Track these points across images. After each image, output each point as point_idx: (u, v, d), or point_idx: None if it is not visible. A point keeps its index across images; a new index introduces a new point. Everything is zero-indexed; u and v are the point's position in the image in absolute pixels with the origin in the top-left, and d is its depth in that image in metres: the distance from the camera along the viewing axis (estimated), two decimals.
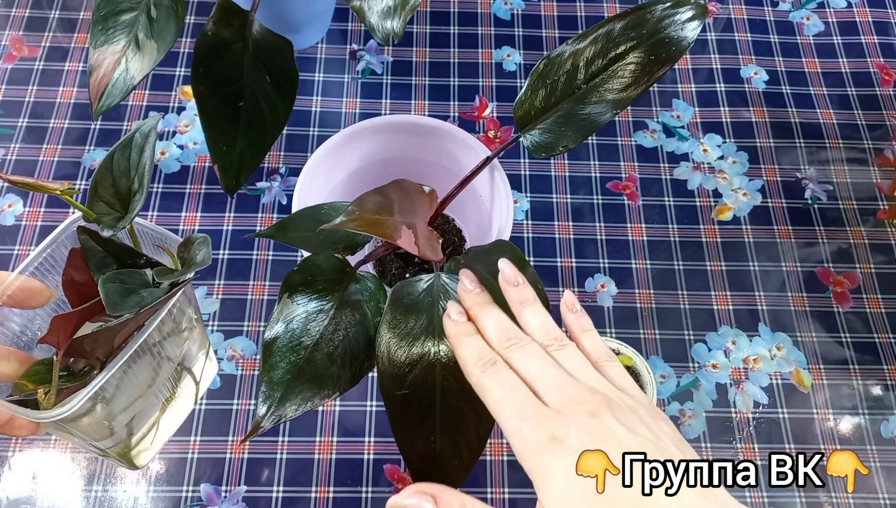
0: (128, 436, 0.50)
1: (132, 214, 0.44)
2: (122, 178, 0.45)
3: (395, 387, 0.45)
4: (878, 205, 0.81)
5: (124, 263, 0.45)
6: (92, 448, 0.49)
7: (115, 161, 0.45)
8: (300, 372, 0.46)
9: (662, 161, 0.83)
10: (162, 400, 0.52)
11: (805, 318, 0.75)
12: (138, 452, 0.51)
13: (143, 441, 0.52)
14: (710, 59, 0.90)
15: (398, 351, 0.46)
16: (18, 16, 0.90)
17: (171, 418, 0.54)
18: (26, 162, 0.80)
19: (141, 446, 0.52)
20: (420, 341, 0.47)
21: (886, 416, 0.70)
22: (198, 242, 0.44)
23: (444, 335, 0.46)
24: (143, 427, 0.51)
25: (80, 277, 0.44)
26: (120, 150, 0.45)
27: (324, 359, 0.47)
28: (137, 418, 0.50)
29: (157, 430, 0.53)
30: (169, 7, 0.60)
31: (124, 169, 0.45)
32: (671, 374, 0.71)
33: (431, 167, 0.68)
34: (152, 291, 0.42)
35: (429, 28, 0.91)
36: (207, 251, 0.44)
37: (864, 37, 0.93)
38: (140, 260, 0.45)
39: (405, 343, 0.46)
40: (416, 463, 0.45)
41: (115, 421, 0.48)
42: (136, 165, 0.45)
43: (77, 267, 0.44)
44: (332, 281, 0.49)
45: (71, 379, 0.45)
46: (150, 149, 0.45)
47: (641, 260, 0.77)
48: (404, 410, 0.45)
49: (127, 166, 0.45)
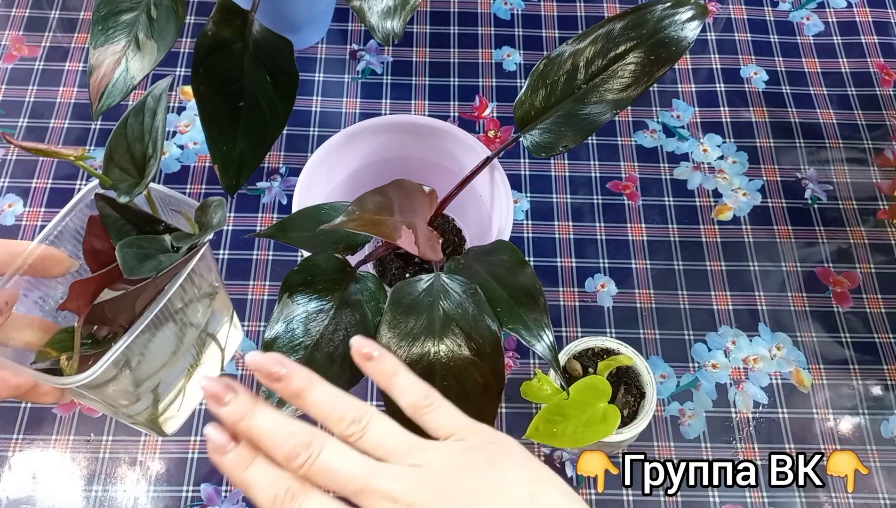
0: (154, 403, 0.50)
1: (147, 179, 0.43)
2: (136, 143, 0.44)
3: None
4: (878, 205, 0.81)
5: (143, 229, 0.44)
6: (121, 416, 0.49)
7: (128, 126, 0.44)
8: None
9: (662, 161, 0.83)
10: (187, 367, 0.51)
11: (805, 318, 0.75)
12: (166, 419, 0.51)
13: (171, 408, 0.51)
14: (710, 59, 0.90)
15: (398, 350, 0.46)
16: (18, 16, 0.90)
17: (198, 384, 0.53)
18: (26, 162, 0.80)
19: (168, 412, 0.51)
20: (420, 341, 0.47)
21: (886, 416, 0.70)
22: (214, 205, 0.44)
23: (444, 335, 0.46)
24: (169, 393, 0.51)
25: (100, 245, 0.43)
26: (133, 115, 0.44)
27: (324, 359, 0.47)
28: (163, 385, 0.50)
29: (183, 397, 0.52)
30: (169, 7, 0.60)
31: (138, 134, 0.44)
32: (671, 374, 0.71)
33: (431, 167, 0.68)
34: (170, 256, 0.42)
35: (429, 28, 0.91)
36: (223, 214, 0.43)
37: (864, 37, 0.93)
38: (159, 225, 0.45)
39: (405, 342, 0.46)
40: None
41: (140, 388, 0.48)
42: (149, 130, 0.44)
43: (97, 235, 0.43)
44: (333, 281, 0.49)
45: (94, 347, 0.45)
46: (162, 113, 0.44)
47: (641, 260, 0.77)
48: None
49: (141, 131, 0.44)
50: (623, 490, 0.66)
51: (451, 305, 0.48)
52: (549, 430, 0.57)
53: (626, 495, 0.66)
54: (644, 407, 0.61)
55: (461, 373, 0.46)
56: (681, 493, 0.66)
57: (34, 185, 0.79)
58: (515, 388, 0.64)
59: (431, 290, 0.49)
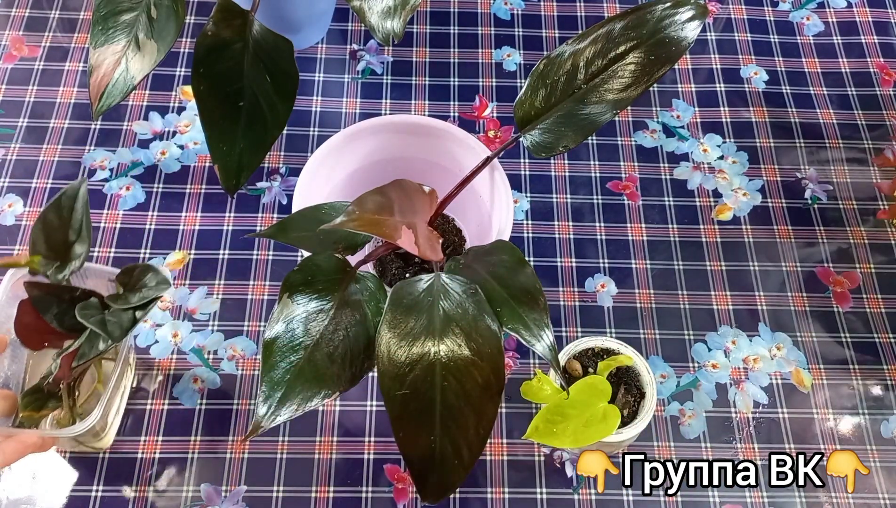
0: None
1: (76, 261, 0.54)
2: (56, 234, 0.54)
3: (395, 387, 0.45)
4: (878, 205, 0.81)
5: (72, 300, 0.53)
6: (75, 443, 0.64)
7: (46, 221, 0.54)
8: (300, 372, 0.46)
9: (662, 161, 0.83)
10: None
11: (805, 318, 0.75)
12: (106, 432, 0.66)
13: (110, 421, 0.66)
14: (710, 59, 0.90)
15: (398, 350, 0.46)
16: (18, 16, 0.90)
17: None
18: (26, 162, 0.80)
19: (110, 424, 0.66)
20: (420, 341, 0.47)
21: (886, 416, 0.70)
22: (138, 271, 0.54)
23: (444, 335, 0.46)
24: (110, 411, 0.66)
25: (32, 322, 0.54)
26: (51, 210, 0.54)
27: (324, 359, 0.47)
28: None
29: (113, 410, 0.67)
30: (169, 7, 0.60)
31: (57, 225, 0.54)
32: (671, 374, 0.71)
33: (431, 167, 0.68)
34: (118, 313, 0.53)
35: (429, 28, 0.91)
36: (156, 275, 0.53)
37: (864, 37, 0.93)
38: (77, 293, 0.54)
39: (405, 343, 0.46)
40: (415, 463, 0.45)
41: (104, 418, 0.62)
42: (68, 222, 0.54)
43: (28, 314, 0.53)
44: (332, 281, 0.49)
45: (51, 398, 0.58)
46: (82, 207, 0.54)
47: (641, 260, 0.77)
48: (404, 410, 0.45)
49: (59, 223, 0.54)
50: (623, 490, 0.66)
51: (451, 305, 0.48)
52: (549, 430, 0.57)
53: (626, 495, 0.66)
54: (644, 407, 0.61)
55: (461, 373, 0.46)
56: (681, 493, 0.66)
57: (34, 185, 0.79)
58: (515, 388, 0.64)
59: (431, 290, 0.49)
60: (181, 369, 0.71)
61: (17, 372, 0.63)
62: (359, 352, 0.48)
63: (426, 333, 0.47)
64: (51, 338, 0.55)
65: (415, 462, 0.45)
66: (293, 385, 0.46)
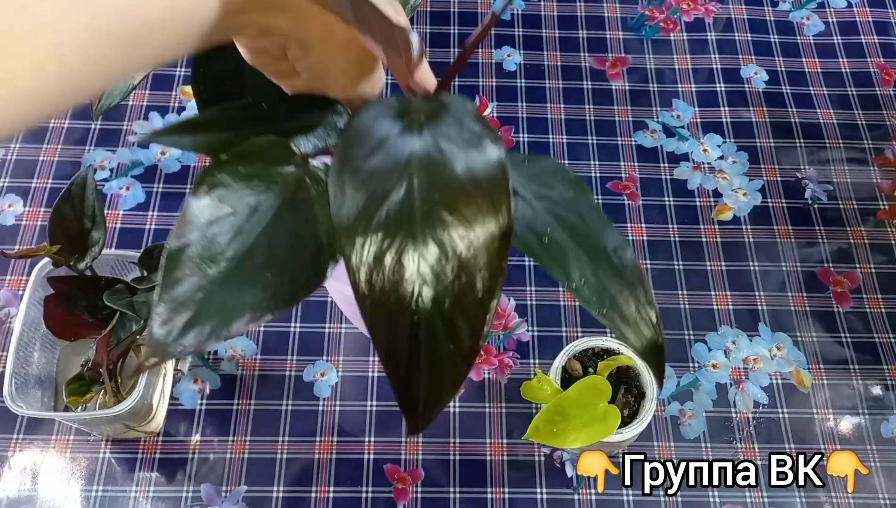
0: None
1: (95, 248, 0.56)
2: (73, 224, 0.56)
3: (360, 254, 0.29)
4: (878, 205, 0.81)
5: (96, 289, 0.56)
6: (125, 428, 0.65)
7: (61, 212, 0.56)
8: (219, 289, 0.31)
9: (662, 161, 0.83)
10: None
11: (805, 318, 0.75)
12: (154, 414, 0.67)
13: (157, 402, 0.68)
14: (710, 59, 0.90)
15: (369, 249, 0.29)
16: None
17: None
18: (26, 161, 0.80)
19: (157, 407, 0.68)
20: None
21: (886, 416, 0.70)
22: (158, 251, 0.56)
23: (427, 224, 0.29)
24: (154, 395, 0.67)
25: (59, 314, 0.57)
26: (62, 202, 0.56)
27: (254, 271, 0.32)
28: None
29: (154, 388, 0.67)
30: None
31: (71, 216, 0.56)
32: (671, 374, 0.71)
33: None
34: (144, 294, 0.55)
35: (429, 28, 0.91)
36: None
37: (864, 37, 0.93)
38: (100, 282, 0.56)
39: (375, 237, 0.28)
40: (398, 364, 0.29)
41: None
42: (80, 210, 0.56)
43: (56, 307, 0.57)
44: (273, 173, 0.34)
45: (93, 384, 0.60)
46: (91, 194, 0.56)
47: (641, 260, 0.77)
48: (371, 290, 0.29)
49: (72, 214, 0.56)
50: (623, 490, 0.66)
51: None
52: (549, 430, 0.57)
53: (626, 495, 0.66)
54: (644, 407, 0.61)
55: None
56: (681, 493, 0.66)
57: (34, 185, 0.79)
58: (515, 388, 0.64)
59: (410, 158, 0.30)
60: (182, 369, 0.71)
61: (48, 365, 0.66)
62: (305, 266, 0.32)
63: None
64: (82, 328, 0.57)
65: (397, 362, 0.29)
66: (207, 304, 0.31)
